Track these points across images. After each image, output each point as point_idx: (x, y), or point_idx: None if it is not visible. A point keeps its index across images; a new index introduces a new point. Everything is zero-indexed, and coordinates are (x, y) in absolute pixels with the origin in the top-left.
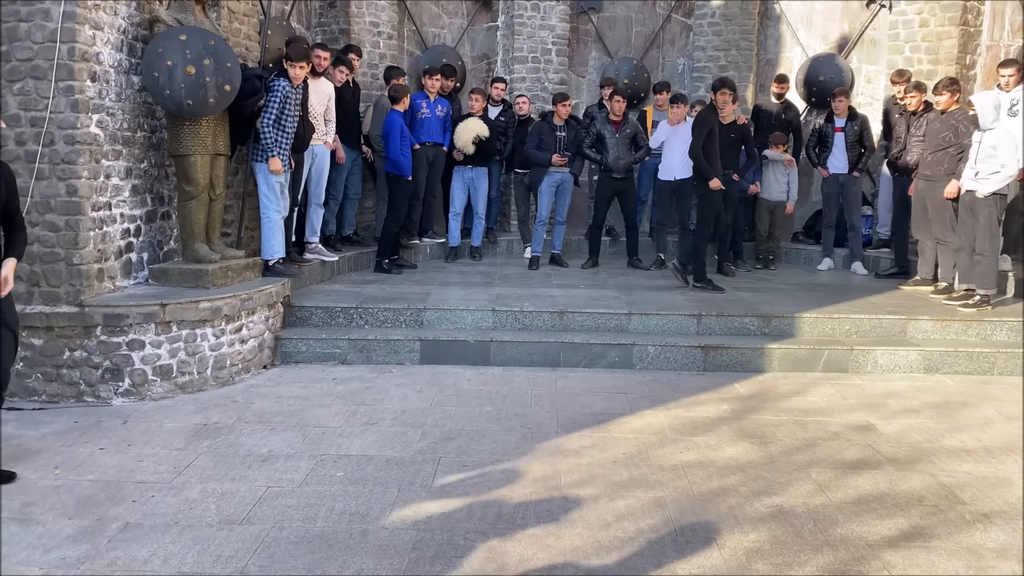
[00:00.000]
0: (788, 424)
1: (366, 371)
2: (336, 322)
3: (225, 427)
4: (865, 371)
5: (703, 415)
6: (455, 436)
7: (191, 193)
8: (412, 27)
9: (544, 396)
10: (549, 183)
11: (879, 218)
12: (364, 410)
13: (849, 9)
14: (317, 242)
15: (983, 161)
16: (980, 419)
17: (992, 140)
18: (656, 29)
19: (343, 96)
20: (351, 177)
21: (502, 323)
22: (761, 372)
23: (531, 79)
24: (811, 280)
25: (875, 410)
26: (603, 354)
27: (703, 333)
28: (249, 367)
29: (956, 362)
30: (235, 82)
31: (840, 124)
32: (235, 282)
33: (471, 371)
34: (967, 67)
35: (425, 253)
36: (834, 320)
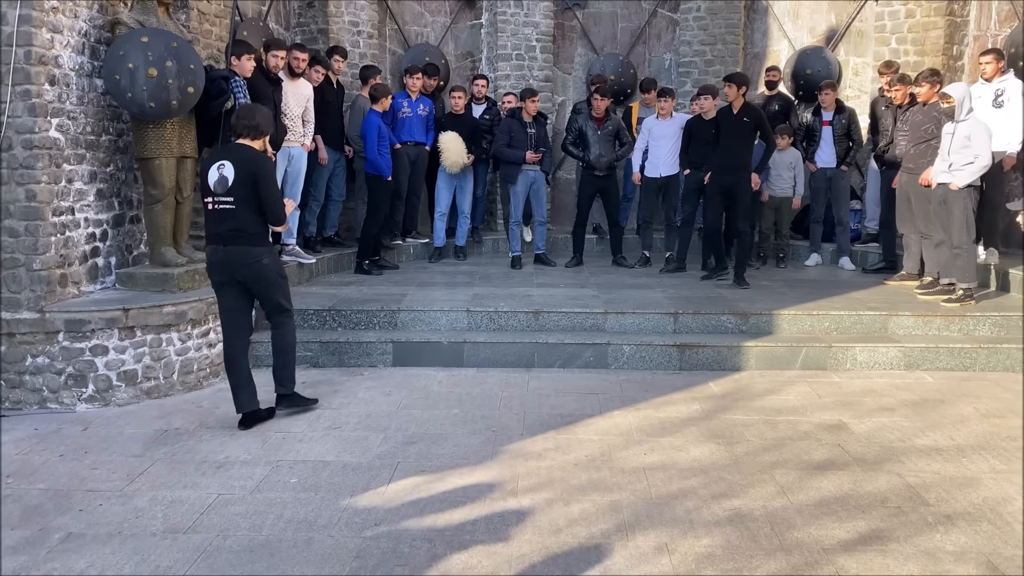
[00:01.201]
0: (758, 424)
1: (337, 374)
2: (309, 324)
3: (186, 433)
4: (844, 368)
5: (673, 415)
6: (417, 440)
7: (156, 196)
8: (394, 26)
9: (514, 398)
10: (523, 182)
11: (867, 212)
12: (329, 414)
13: (836, 1)
14: (294, 244)
15: (956, 152)
16: (956, 417)
17: (966, 131)
18: (642, 24)
19: (326, 97)
20: (334, 178)
21: (477, 324)
22: (738, 371)
23: (516, 76)
24: (796, 276)
25: (849, 409)
26: (577, 354)
27: (680, 331)
28: (218, 371)
29: (937, 358)
30: (199, 84)
31: (827, 117)
32: (202, 286)
33: (443, 373)
34: (954, 58)
35: (409, 253)
36: (813, 317)
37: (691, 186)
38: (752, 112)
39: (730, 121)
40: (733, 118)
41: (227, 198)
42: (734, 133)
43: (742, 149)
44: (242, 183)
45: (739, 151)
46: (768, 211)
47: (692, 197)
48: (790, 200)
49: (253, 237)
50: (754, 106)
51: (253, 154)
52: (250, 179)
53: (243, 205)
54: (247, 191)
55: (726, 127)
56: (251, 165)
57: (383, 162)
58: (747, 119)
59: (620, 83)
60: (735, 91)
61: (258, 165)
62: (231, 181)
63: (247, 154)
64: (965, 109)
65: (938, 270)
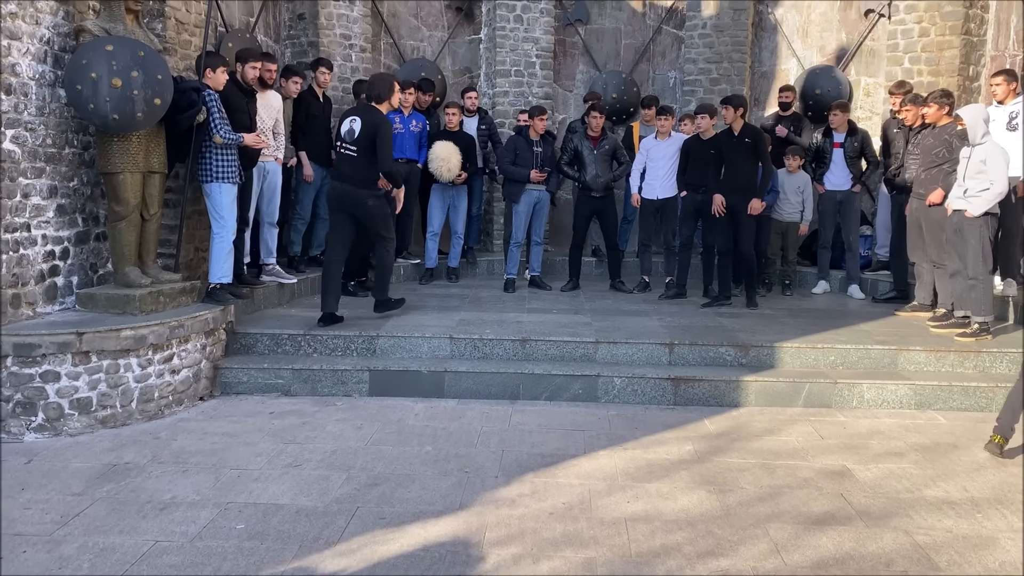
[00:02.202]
0: (754, 468)
1: (308, 404)
2: (282, 350)
3: (135, 468)
4: (850, 407)
5: (662, 457)
6: (382, 481)
7: (120, 213)
8: (389, 40)
9: (493, 434)
10: (527, 202)
11: (878, 238)
12: (292, 449)
13: (847, 19)
14: (274, 263)
15: (972, 178)
16: (970, 464)
17: (981, 155)
18: (646, 41)
19: (311, 111)
20: (321, 196)
21: (460, 352)
22: (736, 407)
23: (514, 93)
24: (801, 305)
25: (854, 452)
26: (566, 386)
27: (675, 363)
28: (182, 399)
29: (950, 397)
30: (166, 95)
31: (839, 139)
32: (168, 308)
33: (421, 404)
34: (970, 78)
35: (398, 274)
36: (818, 350)
37: (688, 208)
38: (753, 133)
39: (731, 143)
40: (734, 140)
41: (352, 146)
42: (736, 155)
43: (745, 171)
44: (365, 136)
45: (742, 173)
46: (775, 236)
47: (690, 220)
48: (797, 225)
49: (363, 182)
50: (755, 127)
51: (378, 116)
52: (371, 134)
53: (362, 155)
54: (367, 144)
55: (727, 149)
56: (374, 124)
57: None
58: (748, 140)
59: (623, 101)
60: (732, 113)
61: (379, 125)
62: (357, 133)
63: (373, 115)
64: (980, 132)
65: (952, 302)
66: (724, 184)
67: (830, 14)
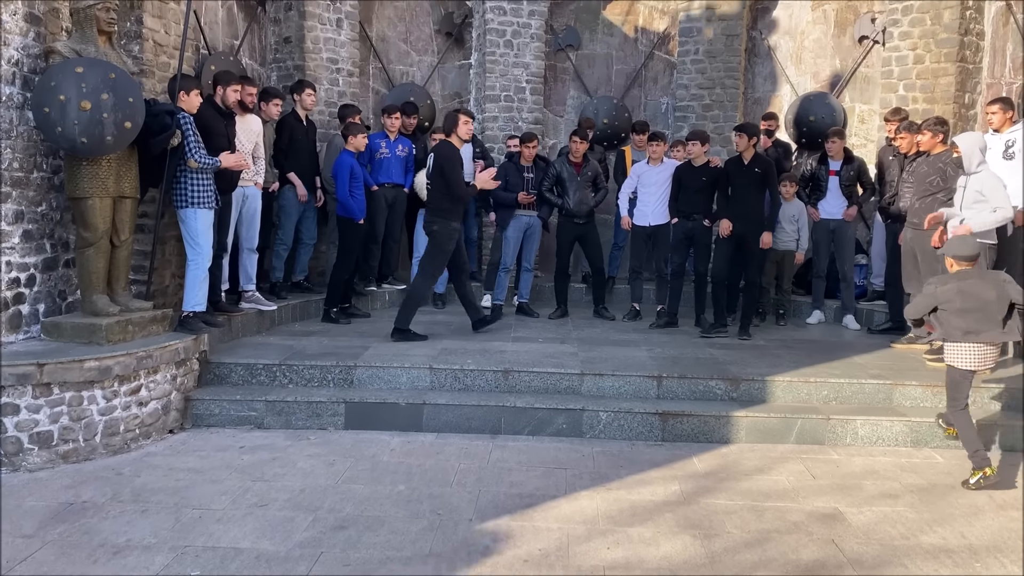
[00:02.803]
0: (743, 511)
1: (281, 438)
2: (257, 380)
3: (92, 507)
4: (843, 444)
5: (647, 498)
6: (349, 524)
7: (88, 239)
8: (378, 64)
9: (471, 472)
10: (516, 227)
11: (873, 268)
12: (259, 487)
13: (840, 45)
14: (254, 290)
15: (969, 207)
16: (968, 508)
17: (977, 185)
18: (638, 67)
19: (295, 135)
20: (304, 220)
21: (440, 383)
22: (726, 443)
23: (504, 118)
24: (795, 336)
25: (847, 494)
26: (549, 420)
27: (664, 397)
28: (150, 432)
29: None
30: (138, 119)
31: (834, 167)
32: (137, 337)
33: (398, 439)
34: (966, 106)
35: (384, 300)
36: (811, 384)
37: (680, 236)
38: (763, 163)
39: (740, 171)
40: (744, 168)
41: (429, 179)
42: (745, 183)
43: (754, 199)
44: (435, 167)
45: (751, 201)
46: (769, 264)
47: (682, 247)
48: (792, 253)
49: (434, 210)
50: (765, 157)
51: (445, 148)
52: (440, 165)
53: (434, 184)
54: (438, 174)
55: (737, 177)
56: (441, 155)
57: (354, 204)
58: (758, 169)
59: (614, 127)
60: (745, 141)
61: (445, 156)
62: (431, 166)
63: (442, 148)
64: (975, 161)
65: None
66: (731, 212)
67: (824, 40)
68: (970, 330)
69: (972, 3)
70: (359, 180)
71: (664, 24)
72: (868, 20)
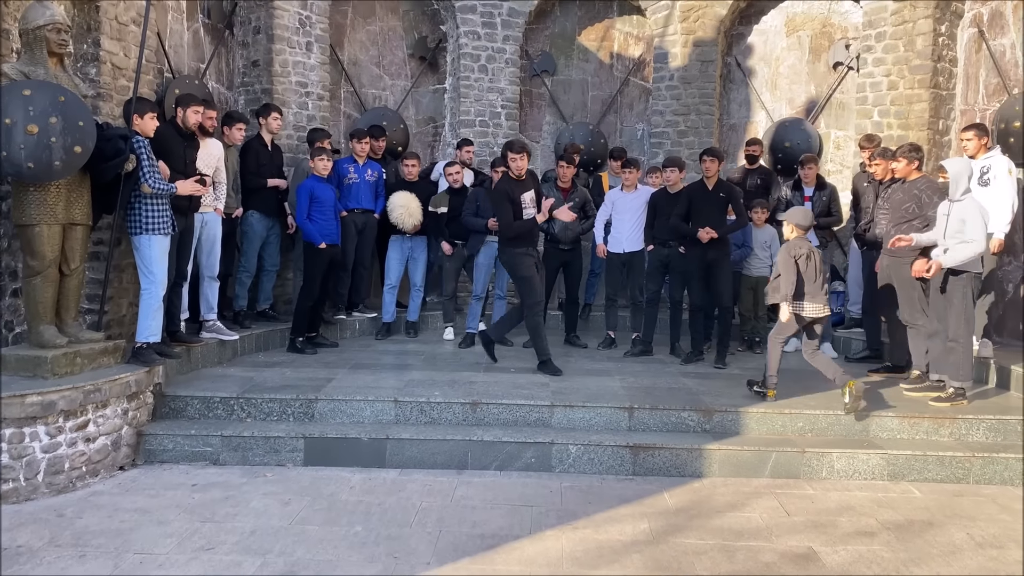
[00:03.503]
0: (713, 552)
1: (236, 475)
2: (214, 414)
3: (27, 552)
4: (819, 477)
5: (615, 538)
6: (299, 568)
7: (36, 268)
8: (350, 88)
9: (433, 511)
10: (487, 255)
11: (850, 295)
12: (208, 529)
13: (815, 72)
14: (215, 319)
15: (952, 236)
16: (946, 546)
17: (960, 214)
18: (613, 93)
19: (260, 159)
20: (267, 247)
21: (405, 416)
22: (698, 477)
23: (480, 144)
24: None
25: (822, 532)
26: (517, 454)
27: (635, 429)
28: (97, 470)
29: (925, 468)
30: (88, 143)
31: (808, 193)
32: (86, 370)
33: (360, 475)
34: (940, 132)
35: (354, 329)
36: (785, 416)
37: (655, 263)
38: (726, 187)
39: (705, 196)
40: (708, 193)
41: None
42: (711, 209)
43: (719, 225)
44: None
45: (716, 227)
46: (745, 291)
47: (657, 274)
48: (767, 280)
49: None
50: (727, 182)
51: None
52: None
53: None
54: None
55: (701, 203)
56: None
57: (313, 228)
58: (722, 194)
59: (590, 152)
60: (717, 165)
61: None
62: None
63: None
64: (961, 188)
65: (927, 364)
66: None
67: (799, 67)
68: (809, 290)
69: (945, 30)
70: (322, 204)
71: (639, 50)
72: (843, 46)
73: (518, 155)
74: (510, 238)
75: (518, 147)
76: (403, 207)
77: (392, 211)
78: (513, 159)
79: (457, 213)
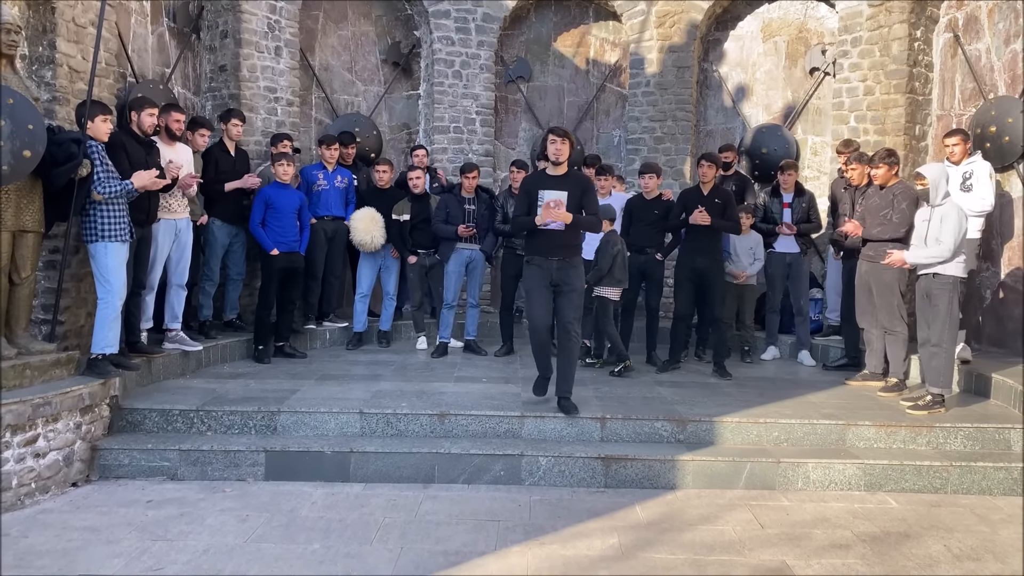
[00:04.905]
0: (684, 567)
1: (194, 490)
2: (173, 427)
3: None
4: (795, 488)
5: (582, 554)
6: None
7: None
8: (321, 94)
9: (396, 526)
10: (457, 262)
11: (828, 302)
12: (158, 548)
13: (792, 77)
14: (178, 329)
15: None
16: (923, 559)
17: (940, 218)
18: (589, 99)
19: (220, 166)
20: (231, 255)
21: (371, 429)
22: (672, 489)
23: (454, 150)
24: (748, 373)
25: (796, 545)
26: (486, 467)
27: (607, 440)
28: (48, 486)
29: (902, 478)
30: (38, 147)
31: (787, 199)
32: (36, 382)
33: (322, 490)
34: (916, 138)
35: (324, 339)
36: (760, 425)
37: (631, 271)
38: (723, 193)
39: (700, 202)
40: (704, 199)
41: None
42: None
43: (712, 232)
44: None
45: (709, 234)
46: (730, 299)
47: (633, 282)
48: (754, 288)
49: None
50: (723, 188)
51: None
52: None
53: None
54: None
55: (695, 208)
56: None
57: (263, 234)
58: (718, 200)
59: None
60: (715, 171)
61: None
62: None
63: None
64: (941, 192)
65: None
66: (689, 246)
67: (775, 72)
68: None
69: (920, 35)
70: (278, 211)
71: (616, 56)
72: (819, 52)
73: (559, 138)
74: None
75: (561, 131)
76: (364, 232)
77: (353, 232)
78: (553, 141)
79: (419, 220)
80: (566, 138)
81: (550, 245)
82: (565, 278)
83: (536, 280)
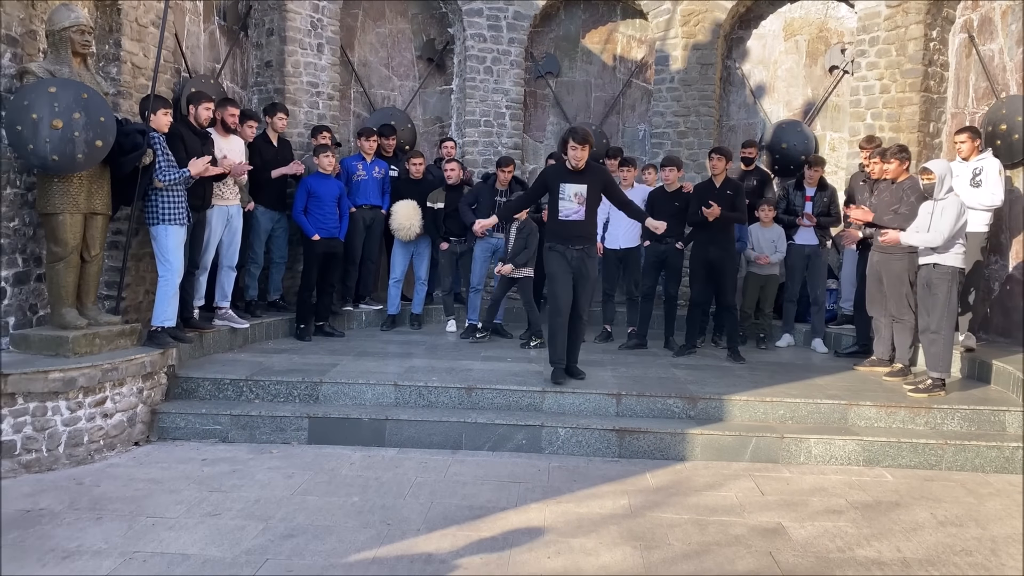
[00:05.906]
0: (686, 525)
1: (244, 451)
2: (224, 395)
3: (49, 514)
4: (797, 462)
5: (595, 511)
6: (299, 533)
7: (59, 254)
8: (359, 88)
9: (426, 485)
10: (483, 248)
11: (843, 292)
12: (215, 498)
13: (812, 75)
14: (227, 308)
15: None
16: (909, 524)
17: (942, 210)
18: (616, 94)
19: (263, 155)
20: (275, 240)
21: (404, 399)
22: (681, 460)
23: (484, 143)
24: (762, 358)
25: (792, 510)
26: (509, 436)
27: (622, 415)
28: (114, 444)
29: (899, 454)
30: (108, 138)
31: (810, 193)
32: (104, 350)
33: (360, 453)
34: (931, 135)
35: (360, 321)
36: (767, 404)
37: (651, 259)
38: (734, 186)
39: (712, 195)
40: (716, 192)
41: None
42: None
43: (724, 223)
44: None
45: (722, 225)
46: (752, 289)
47: (653, 270)
48: (775, 278)
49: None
50: (735, 180)
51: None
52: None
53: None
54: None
55: (709, 201)
56: None
57: (305, 221)
58: (729, 192)
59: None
60: (725, 163)
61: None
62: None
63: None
64: (945, 187)
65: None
66: (703, 236)
67: (796, 70)
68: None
69: (936, 35)
70: (319, 199)
71: (642, 53)
72: (838, 50)
73: (579, 145)
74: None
75: (580, 136)
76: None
77: (392, 219)
78: (574, 148)
79: (452, 208)
80: (586, 144)
81: (570, 234)
82: (583, 269)
83: (559, 265)
